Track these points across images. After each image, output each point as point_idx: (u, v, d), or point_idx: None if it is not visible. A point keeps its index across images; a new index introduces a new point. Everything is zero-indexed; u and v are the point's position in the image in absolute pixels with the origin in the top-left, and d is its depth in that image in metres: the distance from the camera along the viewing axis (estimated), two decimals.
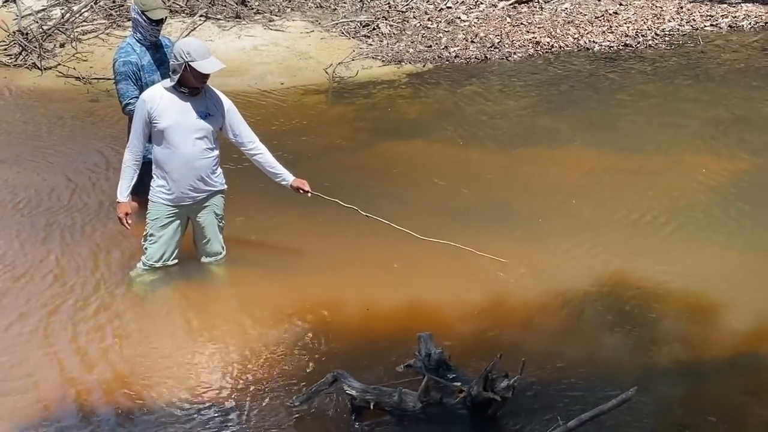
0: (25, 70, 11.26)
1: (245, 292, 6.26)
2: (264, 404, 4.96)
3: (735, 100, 9.95)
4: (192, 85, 5.83)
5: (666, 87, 10.45)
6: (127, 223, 6.08)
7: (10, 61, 11.45)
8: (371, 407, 4.71)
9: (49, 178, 8.04)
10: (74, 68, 11.14)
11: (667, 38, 12.14)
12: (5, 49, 11.69)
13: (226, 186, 6.23)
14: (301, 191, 6.23)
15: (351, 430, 4.71)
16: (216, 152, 6.06)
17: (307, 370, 5.24)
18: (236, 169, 6.94)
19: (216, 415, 4.90)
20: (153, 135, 5.93)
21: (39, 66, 11.26)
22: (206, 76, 5.82)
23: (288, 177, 6.22)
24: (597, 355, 5.43)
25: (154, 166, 6.05)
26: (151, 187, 6.09)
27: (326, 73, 11.10)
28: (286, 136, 8.98)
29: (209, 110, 5.95)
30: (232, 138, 6.13)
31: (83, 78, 10.87)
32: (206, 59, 5.74)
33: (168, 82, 5.87)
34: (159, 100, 5.84)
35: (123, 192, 6.04)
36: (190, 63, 5.69)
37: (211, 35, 11.96)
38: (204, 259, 6.35)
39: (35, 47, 11.52)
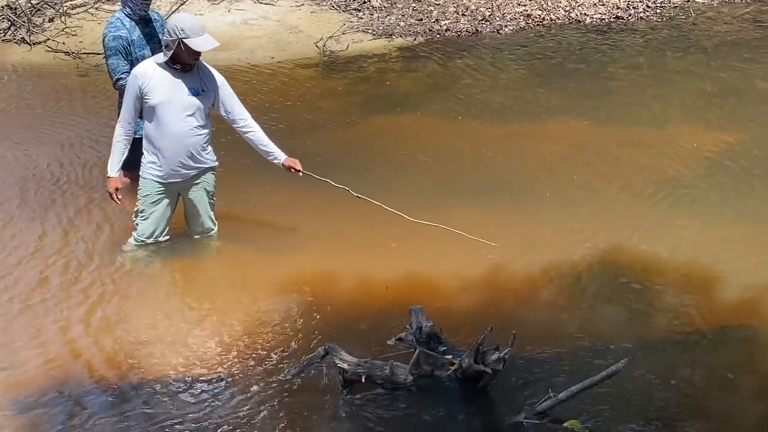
0: (14, 45, 11.19)
1: (237, 267, 6.26)
2: (255, 377, 4.97)
3: (726, 72, 9.94)
4: (185, 62, 5.79)
5: (657, 59, 10.44)
6: (117, 198, 6.07)
7: None
8: (362, 380, 4.73)
9: (40, 153, 8.00)
10: (63, 43, 11.07)
11: (658, 10, 12.11)
12: None
13: (217, 163, 6.21)
14: (293, 170, 6.21)
15: (342, 403, 4.72)
16: (207, 129, 6.04)
17: (299, 344, 5.25)
18: (228, 145, 6.91)
19: (207, 388, 4.91)
20: (144, 111, 5.90)
21: (28, 41, 11.18)
22: (199, 53, 5.79)
23: (280, 156, 6.20)
24: (589, 328, 5.44)
25: (144, 142, 6.02)
26: (142, 163, 6.08)
27: (317, 47, 11.05)
28: (276, 111, 8.95)
29: (201, 87, 5.91)
30: (224, 115, 6.11)
31: (72, 53, 10.81)
32: (200, 36, 5.70)
33: (161, 58, 5.82)
34: (151, 75, 5.80)
35: (113, 167, 6.01)
36: (183, 40, 5.64)
37: (201, 9, 11.88)
38: (196, 236, 6.34)
39: (24, 22, 11.44)
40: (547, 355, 5.11)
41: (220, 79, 6.03)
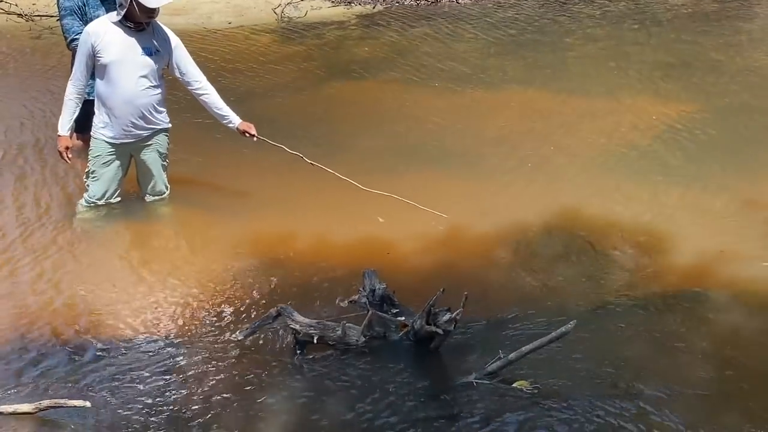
0: None
1: (189, 229, 6.22)
2: (207, 339, 4.94)
3: (682, 44, 10.05)
4: (138, 20, 5.71)
5: (614, 31, 10.52)
6: (67, 157, 5.99)
7: None
8: (315, 341, 4.73)
9: None
10: (16, 5, 10.89)
11: None
12: None
13: (170, 125, 6.15)
14: (247, 135, 6.16)
15: (294, 364, 4.72)
16: (160, 90, 5.97)
17: (252, 306, 5.23)
18: (182, 107, 6.84)
19: (157, 349, 4.87)
20: (96, 69, 5.82)
21: None
22: (152, 11, 5.71)
23: (234, 119, 6.14)
24: (541, 292, 5.46)
25: (96, 102, 5.95)
26: (93, 124, 6.00)
27: (275, 13, 10.98)
28: (233, 77, 8.90)
29: (155, 47, 5.84)
30: (179, 76, 6.05)
31: (26, 15, 10.64)
32: None
33: (114, 16, 5.74)
34: (104, 33, 5.72)
35: (64, 125, 5.93)
36: None
37: None
38: (148, 198, 6.28)
39: None
40: (499, 317, 5.13)
41: (175, 40, 5.97)
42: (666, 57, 9.55)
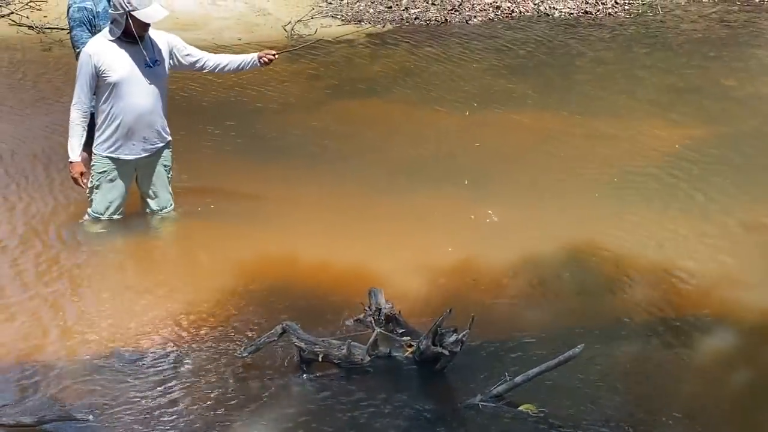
0: None
1: (194, 243, 6.19)
2: (210, 355, 4.91)
3: (691, 69, 10.03)
4: (135, 34, 5.66)
5: (624, 54, 10.51)
6: (82, 183, 5.93)
7: None
8: (320, 359, 4.69)
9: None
10: (27, 17, 10.93)
11: (626, 7, 12.19)
12: None
13: (171, 138, 6.13)
14: (270, 57, 6.14)
15: (299, 382, 4.69)
16: (165, 101, 5.95)
17: (257, 322, 5.19)
18: (185, 120, 6.82)
19: (160, 365, 4.84)
20: (100, 88, 5.75)
21: None
22: (148, 25, 5.70)
23: (251, 57, 6.16)
24: (547, 316, 5.43)
25: (100, 120, 5.85)
26: (96, 140, 5.93)
27: (284, 30, 11.00)
28: (241, 93, 8.89)
29: (156, 56, 5.82)
30: (186, 63, 6.06)
31: (36, 27, 10.67)
32: (149, 6, 5.60)
33: (109, 34, 5.70)
34: (105, 52, 5.68)
35: (75, 151, 5.83)
36: (131, 12, 5.55)
37: None
38: (153, 212, 6.22)
39: None
40: (506, 340, 5.10)
41: (166, 38, 5.95)
42: (676, 81, 9.54)
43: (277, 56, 6.21)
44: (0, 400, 4.48)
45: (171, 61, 5.94)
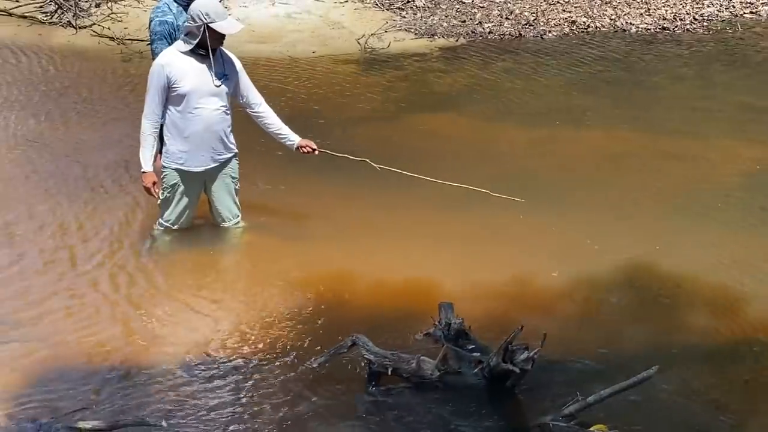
0: (60, 28, 11.33)
1: (263, 255, 6.24)
2: (281, 365, 4.95)
3: None
4: (209, 47, 5.75)
5: (702, 71, 10.33)
6: (155, 192, 6.01)
7: (45, 18, 11.54)
8: (389, 373, 4.70)
9: (81, 135, 8.08)
10: (108, 28, 11.18)
11: (705, 23, 11.99)
12: (41, 7, 11.75)
13: (237, 149, 6.19)
14: (308, 150, 6.17)
15: (367, 394, 4.70)
16: (230, 114, 6.03)
17: (326, 334, 5.21)
18: (251, 133, 6.87)
19: (231, 374, 4.90)
20: (171, 100, 5.83)
21: (74, 24, 11.32)
22: (224, 37, 5.78)
23: (293, 137, 6.19)
24: (616, 337, 5.37)
25: (170, 131, 5.95)
26: (165, 152, 6.03)
27: (358, 43, 11.05)
28: (315, 105, 8.98)
29: (225, 71, 5.91)
30: (240, 99, 6.11)
31: (117, 38, 10.90)
32: (225, 20, 5.70)
33: (183, 45, 5.79)
34: (177, 63, 5.77)
35: (147, 161, 5.92)
36: (209, 24, 5.64)
37: (245, 1, 11.92)
38: (221, 223, 6.28)
39: (71, 6, 11.56)
40: (575, 359, 5.05)
41: (238, 63, 6.04)
42: (755, 100, 9.33)
43: (316, 152, 6.20)
44: (76, 404, 4.58)
45: (235, 85, 6.02)
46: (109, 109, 8.87)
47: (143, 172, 5.95)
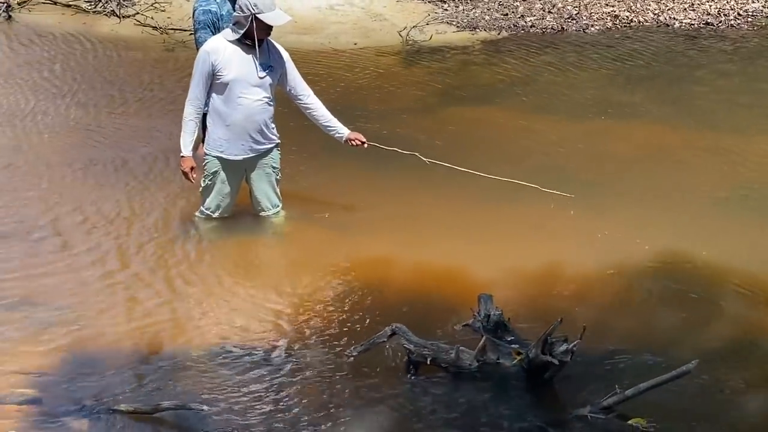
0: (103, 18, 11.47)
1: (303, 244, 6.28)
2: (320, 353, 4.99)
3: None
4: (257, 37, 5.79)
5: (746, 67, 10.24)
6: (192, 177, 6.08)
7: (90, 8, 11.68)
8: (428, 362, 4.72)
9: (124, 123, 8.18)
10: (152, 18, 11.30)
11: (749, 19, 11.87)
12: None
13: (279, 140, 6.24)
14: (356, 143, 6.21)
15: (406, 383, 4.73)
16: (273, 105, 6.06)
17: (365, 323, 5.26)
18: (296, 124, 6.93)
19: (271, 361, 4.94)
20: (214, 87, 5.89)
21: (117, 14, 11.45)
22: (271, 28, 5.82)
23: (342, 130, 6.21)
24: (656, 331, 5.33)
25: (212, 119, 6.01)
26: (207, 140, 6.10)
27: (400, 35, 11.07)
28: (356, 96, 9.02)
29: (271, 62, 5.94)
30: (288, 91, 6.14)
31: (160, 28, 11.02)
32: (273, 11, 5.73)
33: (230, 34, 5.84)
34: (223, 51, 5.82)
35: (186, 146, 5.99)
36: (257, 15, 5.68)
37: None
38: (261, 213, 6.33)
39: None
40: (613, 351, 5.03)
41: (285, 55, 6.07)
42: None
43: (366, 145, 6.24)
44: (118, 387, 4.65)
45: (282, 75, 6.05)
46: (154, 98, 8.95)
47: (182, 156, 6.03)
